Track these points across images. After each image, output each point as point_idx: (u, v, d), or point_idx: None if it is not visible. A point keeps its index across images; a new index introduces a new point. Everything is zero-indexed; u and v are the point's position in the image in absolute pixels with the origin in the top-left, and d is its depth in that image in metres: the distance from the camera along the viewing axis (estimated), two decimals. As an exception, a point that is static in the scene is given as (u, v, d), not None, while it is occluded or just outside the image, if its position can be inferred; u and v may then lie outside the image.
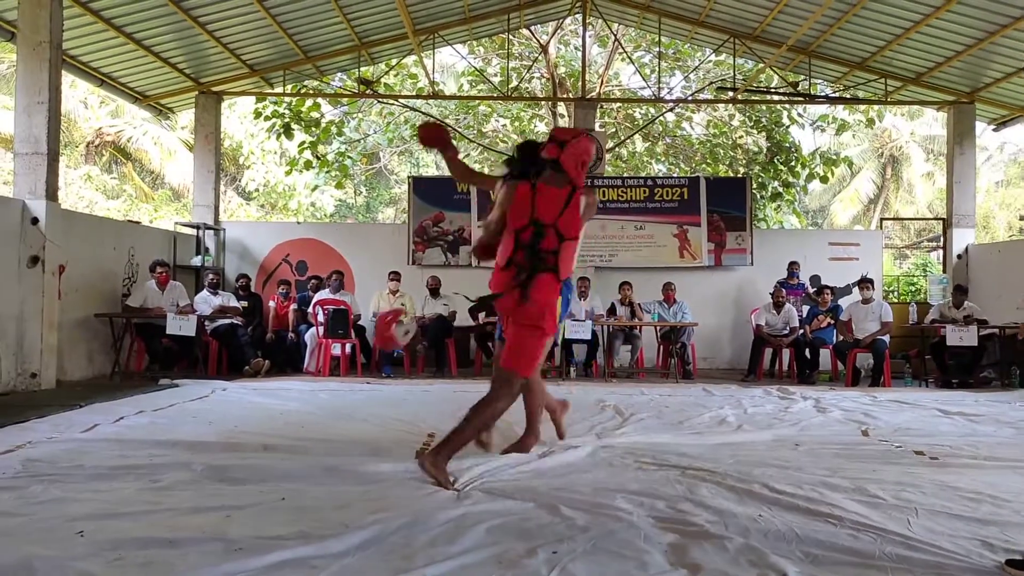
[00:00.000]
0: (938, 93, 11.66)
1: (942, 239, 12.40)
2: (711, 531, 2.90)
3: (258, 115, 13.76)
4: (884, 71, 11.44)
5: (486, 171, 18.17)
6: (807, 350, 9.69)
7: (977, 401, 7.47)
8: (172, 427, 5.27)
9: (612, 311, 10.08)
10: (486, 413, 3.86)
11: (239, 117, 18.81)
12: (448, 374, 9.56)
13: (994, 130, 12.53)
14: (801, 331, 9.79)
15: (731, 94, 12.63)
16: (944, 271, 12.05)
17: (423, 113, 16.48)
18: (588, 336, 9.49)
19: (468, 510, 3.12)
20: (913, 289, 16.07)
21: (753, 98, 13.54)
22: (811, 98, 12.39)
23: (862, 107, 14.15)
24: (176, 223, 11.74)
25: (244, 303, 9.93)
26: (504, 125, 18.07)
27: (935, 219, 16.04)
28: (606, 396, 7.39)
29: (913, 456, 4.58)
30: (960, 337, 8.98)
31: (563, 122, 15.75)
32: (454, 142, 4.21)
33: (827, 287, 10.24)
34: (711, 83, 14.87)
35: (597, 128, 13.11)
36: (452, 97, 16.25)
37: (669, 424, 5.80)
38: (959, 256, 11.58)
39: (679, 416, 6.17)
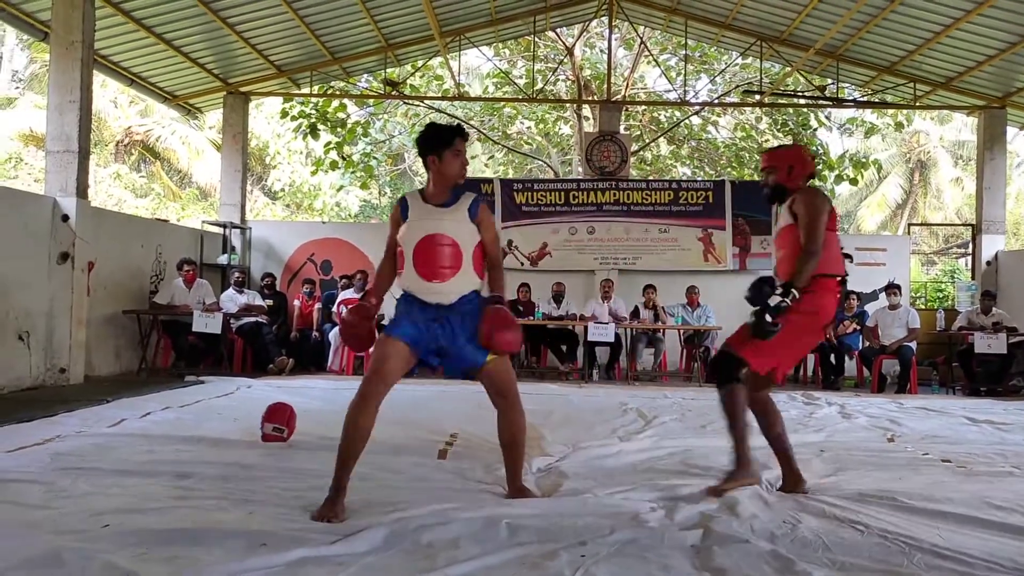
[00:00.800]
0: (968, 98, 11.51)
1: (971, 245, 12.24)
2: (737, 536, 2.87)
3: (285, 115, 13.87)
4: (913, 75, 11.31)
5: (510, 172, 18.21)
6: (832, 356, 9.59)
7: (1006, 410, 7.35)
8: (197, 423, 5.32)
9: (636, 314, 10.05)
10: None
11: (266, 117, 18.98)
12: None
13: (1026, 135, 12.35)
14: (827, 336, 9.69)
15: (757, 97, 12.54)
16: (972, 277, 11.89)
17: (448, 115, 16.54)
18: (611, 339, 9.46)
19: (492, 511, 3.12)
20: (941, 295, 15.85)
21: (780, 102, 13.44)
22: (838, 102, 12.28)
23: (890, 111, 14.01)
24: (203, 222, 11.86)
25: (269, 302, 10.00)
26: (529, 127, 18.09)
27: (964, 225, 15.86)
28: (629, 399, 7.37)
29: (940, 464, 4.52)
30: (989, 344, 8.86)
31: (587, 124, 15.73)
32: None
33: (854, 292, 10.13)
34: (737, 86, 14.79)
35: (622, 131, 13.07)
36: (477, 99, 16.29)
37: (692, 427, 5.78)
38: (988, 263, 11.41)
39: (702, 419, 6.14)
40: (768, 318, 3.48)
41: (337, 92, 13.50)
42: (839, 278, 3.77)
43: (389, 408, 5.63)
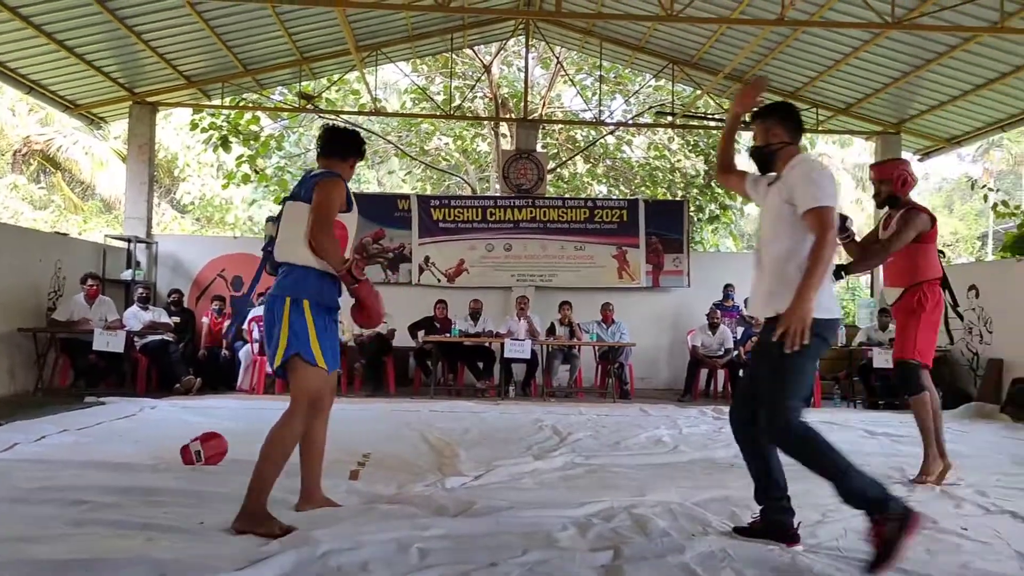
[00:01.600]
0: (866, 123, 12.09)
1: (870, 264, 12.79)
2: (646, 553, 2.91)
3: (195, 127, 13.50)
4: (815, 101, 11.82)
5: (428, 188, 18.17)
6: (741, 371, 9.86)
7: (902, 422, 7.69)
8: (97, 446, 5.09)
9: (551, 331, 10.13)
10: None
11: (175, 128, 18.42)
12: (385, 392, 9.46)
13: (919, 160, 13.02)
14: (735, 352, 9.98)
15: (670, 119, 12.88)
16: (872, 295, 12.44)
17: (365, 129, 16.41)
18: (527, 355, 9.51)
19: (403, 533, 3.07)
20: (843, 313, 16.53)
21: (691, 123, 13.83)
22: (746, 125, 12.65)
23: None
24: (106, 236, 11.41)
25: (176, 319, 9.68)
26: (447, 144, 18.10)
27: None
28: (544, 416, 7.41)
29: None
30: (886, 359, 9.24)
31: (505, 142, 15.85)
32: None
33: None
34: (650, 107, 15.16)
35: (539, 149, 13.21)
36: (394, 114, 16.22)
37: (606, 444, 5.84)
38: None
39: (616, 436, 6.22)
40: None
41: (250, 104, 13.22)
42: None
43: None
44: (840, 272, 4.27)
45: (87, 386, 8.59)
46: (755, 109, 3.52)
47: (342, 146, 3.59)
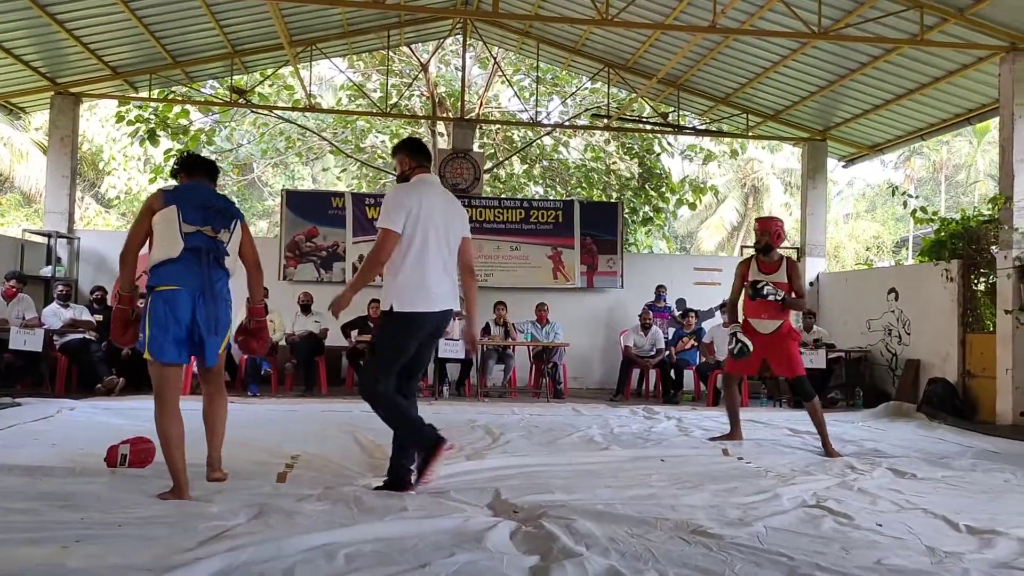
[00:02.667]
0: (794, 130, 12.43)
1: (797, 267, 13.15)
2: (572, 553, 2.93)
3: (120, 119, 13.09)
4: (746, 107, 12.10)
5: (363, 186, 18.01)
6: (672, 371, 10.04)
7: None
8: (10, 449, 4.88)
9: (486, 330, 10.14)
10: None
11: (100, 120, 17.83)
12: (318, 392, 9.34)
13: (844, 166, 13.45)
14: (667, 352, 10.14)
15: (605, 121, 13.02)
16: (798, 297, 12.77)
17: (299, 125, 16.15)
18: (462, 355, 9.49)
19: (330, 537, 3.03)
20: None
21: (626, 126, 14.01)
22: (679, 129, 12.93)
23: (726, 139, 14.89)
24: (25, 230, 10.99)
25: (99, 317, 9.36)
26: (383, 141, 17.93)
27: (791, 248, 16.99)
28: (477, 416, 7.41)
29: (765, 474, 4.81)
30: (810, 360, 9.52)
31: (442, 141, 15.79)
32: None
33: (692, 310, 10.66)
34: (587, 109, 15.28)
35: (476, 148, 13.20)
36: (329, 111, 15.99)
37: (538, 444, 5.87)
38: (811, 283, 12.31)
39: (548, 436, 6.26)
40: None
41: (179, 98, 12.88)
42: None
43: (230, 427, 5.40)
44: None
45: (2, 386, 8.25)
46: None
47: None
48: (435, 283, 3.92)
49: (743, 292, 6.06)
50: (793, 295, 5.97)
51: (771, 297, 5.80)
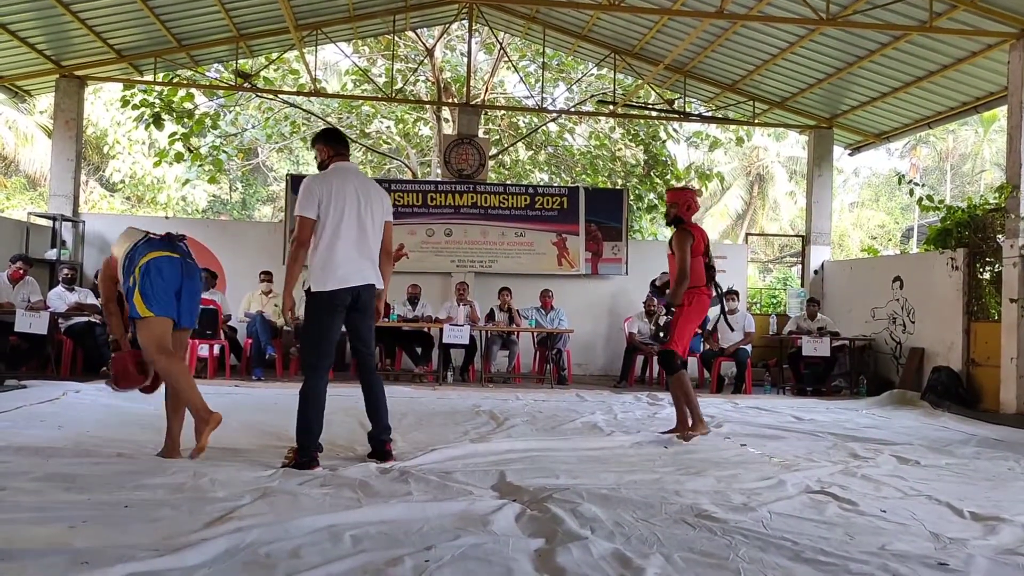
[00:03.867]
0: (800, 117, 12.37)
1: (801, 255, 13.15)
2: (577, 536, 2.94)
3: (126, 103, 13.06)
4: (752, 94, 12.03)
5: (368, 172, 17.98)
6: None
7: (828, 408, 7.95)
8: (17, 431, 4.91)
9: (491, 316, 10.14)
10: None
11: (105, 104, 17.79)
12: (322, 378, 9.35)
13: (850, 155, 13.39)
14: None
15: (611, 107, 12.97)
16: (802, 285, 12.77)
17: (304, 110, 16.12)
18: (466, 341, 9.50)
19: (335, 519, 3.05)
20: (774, 301, 16.94)
21: (631, 112, 13.95)
22: (685, 116, 12.88)
23: (732, 127, 14.83)
24: (30, 214, 11.00)
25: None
26: (388, 127, 17.90)
27: (796, 236, 17.04)
28: (481, 401, 7.43)
29: (769, 460, 4.82)
30: (814, 348, 9.54)
31: (447, 126, 15.75)
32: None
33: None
34: (592, 96, 15.23)
35: (481, 134, 13.16)
36: (334, 96, 15.94)
37: (542, 430, 5.89)
38: (816, 271, 12.30)
39: (552, 422, 6.27)
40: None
41: (184, 81, 12.84)
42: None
43: (235, 411, 5.43)
44: (669, 308, 5.76)
45: (8, 369, 8.27)
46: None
47: None
48: (345, 262, 4.17)
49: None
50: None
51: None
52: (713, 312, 10.65)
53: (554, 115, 15.46)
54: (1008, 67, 8.52)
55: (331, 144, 4.44)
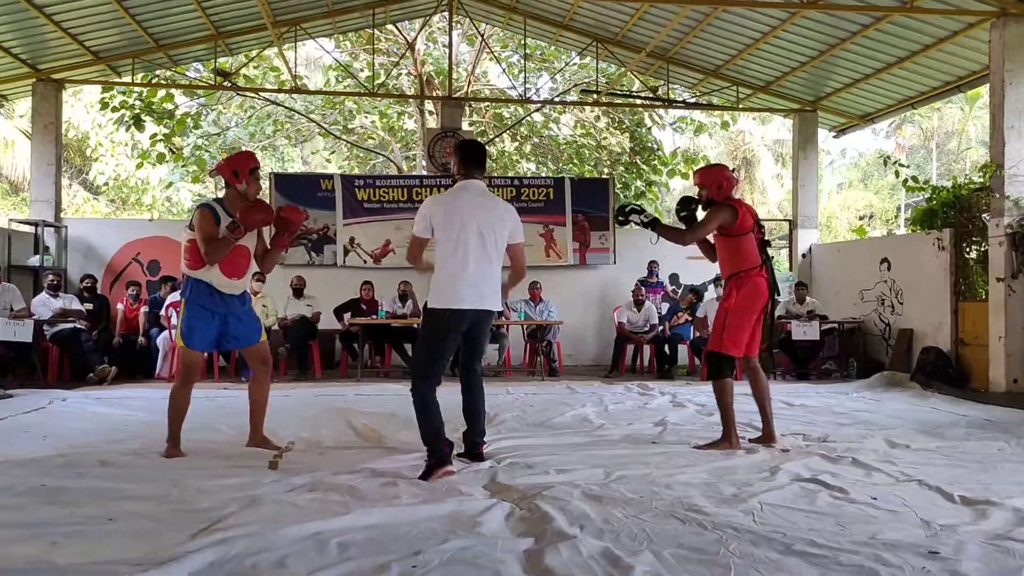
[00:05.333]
0: (785, 101, 12.34)
1: (789, 239, 13.15)
2: (566, 535, 2.92)
3: (105, 105, 12.94)
4: (736, 79, 12.00)
5: (354, 168, 17.88)
6: (666, 346, 10.04)
7: (819, 393, 7.96)
8: (0, 444, 4.85)
9: (479, 310, 10.09)
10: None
11: (85, 106, 17.63)
12: (311, 376, 9.31)
13: (835, 137, 13.38)
14: (661, 328, 10.14)
15: (595, 96, 12.91)
16: (791, 269, 12.78)
17: (286, 107, 16.00)
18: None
19: (321, 526, 3.01)
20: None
21: (616, 101, 13.90)
22: (669, 103, 12.85)
23: (717, 112, 14.80)
24: (11, 219, 10.90)
25: (89, 305, 9.33)
26: (372, 121, 17.80)
27: (783, 220, 17.05)
28: (472, 397, 7.37)
29: (762, 448, 4.81)
30: (804, 332, 9.55)
31: (431, 120, 15.67)
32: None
33: (694, 290, 10.65)
34: (576, 85, 15.17)
35: (465, 127, 13.09)
36: (315, 92, 15.83)
37: (532, 424, 5.86)
38: (804, 255, 12.31)
39: (542, 416, 6.25)
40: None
41: (163, 81, 12.72)
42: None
43: (223, 415, 5.39)
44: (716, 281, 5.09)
45: (-7, 378, 8.21)
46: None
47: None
48: (460, 284, 4.16)
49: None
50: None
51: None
52: (708, 295, 10.69)
53: (538, 105, 15.40)
54: (989, 46, 8.51)
55: (464, 162, 4.36)
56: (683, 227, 5.13)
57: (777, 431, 5.06)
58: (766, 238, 5.11)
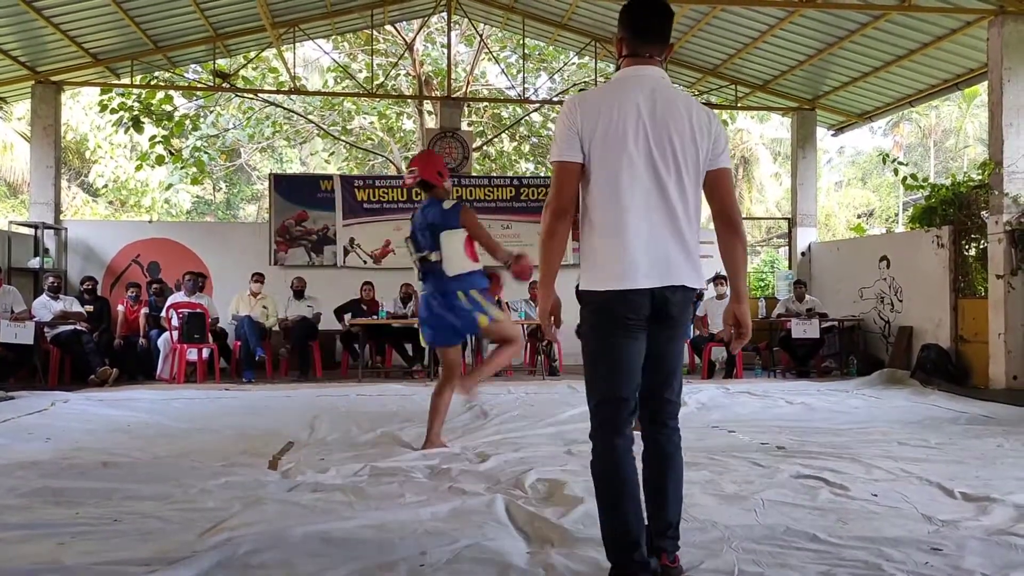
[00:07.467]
0: (783, 100, 12.36)
1: (788, 237, 13.16)
2: (568, 532, 2.93)
3: (104, 107, 12.92)
4: (734, 78, 12.01)
5: (354, 168, 17.91)
6: (666, 345, 10.02)
7: (819, 390, 7.97)
8: (4, 446, 4.86)
9: (479, 310, 10.10)
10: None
11: (84, 108, 17.62)
12: (312, 377, 9.32)
13: (833, 135, 13.40)
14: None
15: (593, 96, 12.90)
16: (790, 267, 12.79)
17: (285, 108, 16.01)
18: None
19: (327, 526, 3.03)
20: (763, 284, 16.97)
21: (614, 100, 13.88)
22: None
23: (715, 111, 14.80)
24: (11, 222, 10.90)
25: (89, 307, 9.32)
26: (371, 122, 17.81)
27: (782, 218, 17.07)
28: (473, 396, 7.39)
29: (761, 447, 4.83)
30: (804, 330, 9.56)
31: (430, 120, 15.67)
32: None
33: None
34: (575, 84, 15.18)
35: (464, 127, 13.10)
36: (314, 93, 15.83)
37: (533, 423, 5.87)
38: (803, 253, 12.32)
39: (543, 414, 6.26)
40: None
41: (161, 83, 12.72)
42: None
43: (226, 415, 5.41)
44: None
45: (-5, 381, 8.22)
46: None
47: None
48: (628, 245, 2.44)
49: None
50: None
51: None
52: (708, 294, 10.70)
53: (537, 105, 15.41)
54: (987, 43, 8.53)
55: (628, 31, 2.52)
56: None
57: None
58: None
